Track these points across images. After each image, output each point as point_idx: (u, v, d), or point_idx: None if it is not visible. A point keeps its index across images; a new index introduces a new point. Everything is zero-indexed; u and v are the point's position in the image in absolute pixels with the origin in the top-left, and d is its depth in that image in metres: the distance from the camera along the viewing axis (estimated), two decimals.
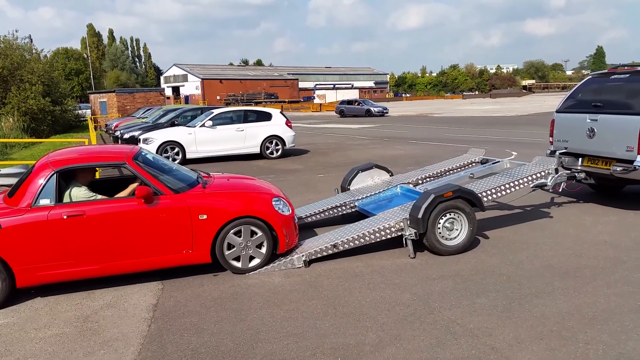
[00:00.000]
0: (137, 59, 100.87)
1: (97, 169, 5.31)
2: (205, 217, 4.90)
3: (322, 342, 3.69)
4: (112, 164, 5.19)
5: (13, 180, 8.17)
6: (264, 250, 5.15)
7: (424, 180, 7.42)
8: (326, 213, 6.76)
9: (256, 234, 5.08)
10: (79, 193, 4.81)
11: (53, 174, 4.67)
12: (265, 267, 5.19)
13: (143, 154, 5.40)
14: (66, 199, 4.76)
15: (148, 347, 3.75)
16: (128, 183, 5.34)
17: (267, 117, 14.78)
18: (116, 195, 5.00)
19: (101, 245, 4.68)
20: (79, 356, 3.66)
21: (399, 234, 5.45)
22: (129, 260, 4.80)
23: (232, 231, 5.00)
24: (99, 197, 4.90)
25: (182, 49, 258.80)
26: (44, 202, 4.60)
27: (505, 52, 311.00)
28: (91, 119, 30.73)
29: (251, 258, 5.14)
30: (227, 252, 5.03)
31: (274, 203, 5.23)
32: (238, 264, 5.10)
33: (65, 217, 4.57)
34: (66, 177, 4.89)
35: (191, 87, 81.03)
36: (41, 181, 4.63)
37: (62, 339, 3.94)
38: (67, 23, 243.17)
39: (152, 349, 3.72)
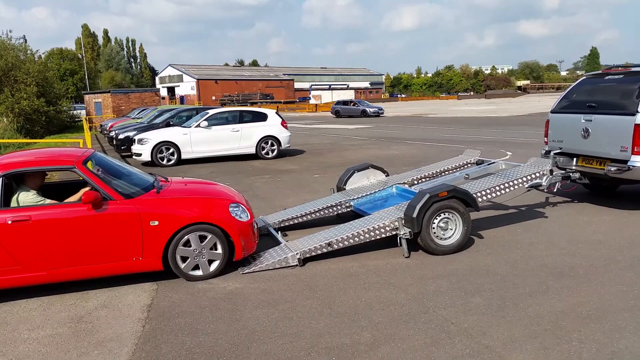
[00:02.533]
0: (132, 60, 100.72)
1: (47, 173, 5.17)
2: (156, 223, 4.75)
3: (317, 342, 3.69)
4: (61, 168, 5.01)
5: None
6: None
7: (420, 181, 7.43)
8: (321, 212, 6.77)
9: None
10: (26, 198, 4.71)
11: None
12: (259, 267, 5.18)
13: (96, 157, 5.26)
14: (13, 204, 4.63)
15: (142, 347, 3.74)
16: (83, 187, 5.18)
17: (262, 117, 14.78)
18: (66, 200, 4.91)
19: (48, 252, 4.55)
20: (73, 357, 3.65)
21: (394, 233, 5.46)
22: (77, 267, 4.68)
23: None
24: (47, 201, 4.78)
25: (177, 50, 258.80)
26: None
27: (500, 52, 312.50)
28: (86, 119, 30.60)
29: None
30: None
31: (230, 209, 5.10)
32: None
33: (10, 222, 4.46)
34: (15, 181, 4.79)
35: (186, 88, 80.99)
36: None
37: (55, 339, 3.92)
38: (61, 23, 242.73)
39: (147, 349, 3.71)
